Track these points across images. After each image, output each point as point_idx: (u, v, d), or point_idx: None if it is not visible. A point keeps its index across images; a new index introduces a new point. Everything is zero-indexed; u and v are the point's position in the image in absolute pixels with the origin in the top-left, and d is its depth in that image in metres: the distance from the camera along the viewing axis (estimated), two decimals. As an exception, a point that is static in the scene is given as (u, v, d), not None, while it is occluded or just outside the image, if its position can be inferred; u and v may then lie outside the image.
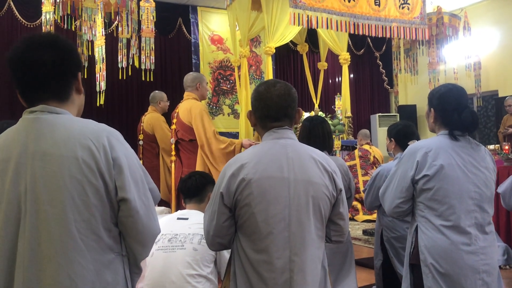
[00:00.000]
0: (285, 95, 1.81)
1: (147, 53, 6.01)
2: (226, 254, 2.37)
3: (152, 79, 6.12)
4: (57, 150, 1.32)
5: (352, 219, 6.79)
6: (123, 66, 5.84)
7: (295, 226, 1.66)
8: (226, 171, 1.73)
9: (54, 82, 1.41)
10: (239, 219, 1.69)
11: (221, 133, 8.97)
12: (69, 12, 5.51)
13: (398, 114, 10.39)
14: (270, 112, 1.80)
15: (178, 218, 2.55)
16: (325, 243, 1.82)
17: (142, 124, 5.35)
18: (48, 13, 5.43)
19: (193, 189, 2.65)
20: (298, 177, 1.69)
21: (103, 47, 5.78)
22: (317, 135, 2.96)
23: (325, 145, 2.97)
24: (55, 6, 5.48)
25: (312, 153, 1.78)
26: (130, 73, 5.89)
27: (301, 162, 1.72)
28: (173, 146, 4.20)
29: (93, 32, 5.20)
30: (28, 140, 1.34)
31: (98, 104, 5.65)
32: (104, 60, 5.81)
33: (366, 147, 7.17)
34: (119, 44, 5.94)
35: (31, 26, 7.65)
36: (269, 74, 7.27)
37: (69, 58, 1.44)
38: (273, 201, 1.66)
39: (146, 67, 5.96)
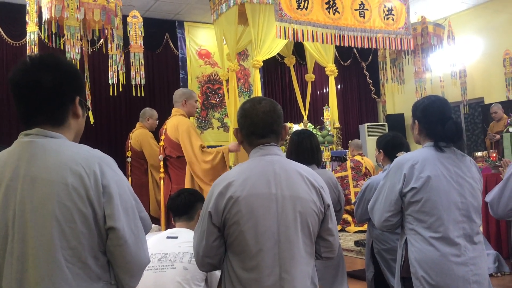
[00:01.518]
0: (270, 111, 1.81)
1: (137, 69, 6.01)
2: (217, 272, 2.35)
3: (143, 95, 6.11)
4: (47, 175, 1.30)
5: (343, 230, 6.79)
6: (114, 82, 5.82)
7: (284, 242, 1.66)
8: (214, 189, 1.72)
9: (50, 106, 1.39)
10: (228, 238, 1.68)
11: (211, 147, 8.95)
12: (54, 31, 5.49)
13: (386, 123, 10.47)
14: (256, 129, 1.80)
15: (168, 237, 2.52)
16: (315, 259, 1.81)
17: (130, 141, 5.33)
18: (33, 33, 5.41)
19: (182, 207, 2.64)
20: (286, 193, 1.69)
21: (87, 67, 5.79)
22: (305, 149, 2.97)
23: (313, 158, 2.97)
24: (39, 26, 5.47)
25: (299, 169, 1.78)
26: (121, 89, 5.88)
27: (288, 178, 1.72)
28: (161, 163, 4.17)
29: (77, 50, 5.18)
30: (19, 164, 1.32)
31: (91, 122, 5.64)
32: (88, 79, 5.81)
33: (358, 158, 7.19)
34: (109, 60, 5.93)
35: (17, 45, 7.63)
36: (257, 87, 7.29)
37: (68, 82, 1.42)
38: (261, 218, 1.65)
39: (137, 83, 5.95)
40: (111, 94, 5.92)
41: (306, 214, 1.70)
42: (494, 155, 5.00)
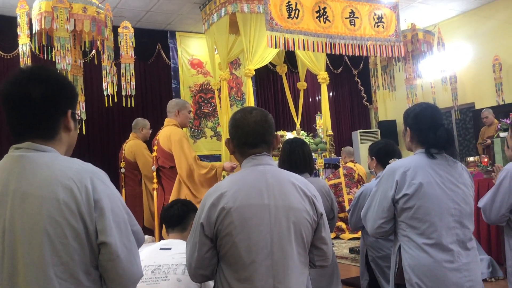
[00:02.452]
0: (261, 121, 1.81)
1: (128, 79, 6.01)
2: (210, 283, 2.33)
3: (133, 105, 6.10)
4: (37, 190, 1.29)
5: (338, 237, 6.78)
6: (108, 93, 5.81)
7: (277, 253, 1.65)
8: (206, 200, 1.71)
9: (41, 119, 1.38)
10: (221, 249, 1.68)
11: (204, 156, 9.03)
12: (44, 43, 5.48)
13: (378, 130, 10.51)
14: (247, 139, 1.80)
15: (161, 248, 2.50)
16: (309, 268, 1.81)
17: (123, 151, 5.31)
18: (25, 45, 5.40)
19: (175, 218, 2.62)
20: (279, 203, 1.69)
21: (81, 77, 5.78)
22: (297, 157, 2.98)
23: (306, 167, 2.98)
24: (31, 38, 5.46)
25: (292, 178, 1.78)
26: (116, 100, 5.87)
27: (281, 188, 1.72)
28: (154, 173, 4.15)
29: (67, 61, 5.18)
30: (10, 178, 1.31)
31: (84, 133, 5.62)
32: (83, 90, 5.80)
33: (350, 164, 7.20)
34: (102, 71, 5.93)
35: (9, 57, 7.60)
36: (249, 96, 7.32)
37: (59, 94, 1.40)
38: (254, 229, 1.65)
39: (127, 93, 5.95)
40: (106, 105, 5.91)
41: (300, 224, 1.70)
42: (486, 160, 5.03)
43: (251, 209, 1.66)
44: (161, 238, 3.92)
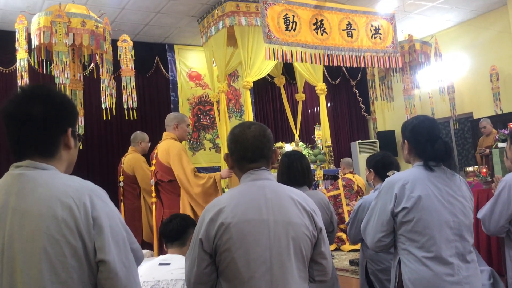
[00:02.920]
0: (260, 136, 1.82)
1: (129, 92, 6.02)
2: (210, 298, 2.32)
3: (135, 118, 6.12)
4: (37, 208, 1.29)
5: (338, 249, 6.76)
6: (107, 106, 5.82)
7: (277, 268, 1.65)
8: (204, 216, 1.71)
9: (41, 138, 1.39)
10: (220, 265, 1.67)
11: (203, 168, 9.02)
12: (43, 58, 5.50)
13: (377, 140, 10.52)
14: (246, 153, 1.80)
15: (160, 264, 2.49)
16: (309, 283, 1.80)
17: (122, 165, 5.30)
18: (23, 59, 5.42)
19: (174, 232, 2.61)
20: (278, 219, 1.69)
21: (81, 91, 5.79)
22: (296, 170, 2.97)
23: (305, 180, 2.98)
24: (29, 52, 5.48)
25: (291, 193, 1.78)
26: (114, 113, 5.88)
27: (280, 203, 1.72)
28: (153, 187, 4.14)
29: (66, 75, 5.19)
30: (9, 197, 1.31)
31: (81, 147, 5.61)
32: (82, 105, 5.82)
33: (349, 176, 7.20)
34: (101, 85, 5.94)
35: (7, 71, 7.62)
36: (248, 108, 7.34)
37: (60, 113, 1.41)
38: (253, 244, 1.64)
39: (129, 106, 5.95)
40: (104, 118, 5.91)
41: (299, 239, 1.70)
42: (485, 170, 5.03)
43: (250, 224, 1.65)
44: (160, 252, 3.91)
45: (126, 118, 5.86)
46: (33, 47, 5.42)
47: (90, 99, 7.58)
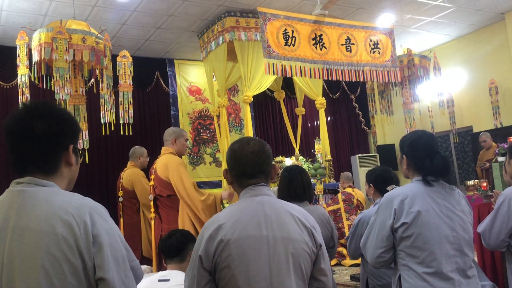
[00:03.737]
0: (259, 152, 1.82)
1: (126, 107, 6.04)
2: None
3: (131, 133, 6.13)
4: (37, 225, 1.29)
5: (339, 264, 6.71)
6: (106, 121, 5.84)
7: (276, 285, 1.63)
8: (204, 233, 1.70)
9: (43, 155, 1.39)
10: (220, 282, 1.66)
11: (204, 183, 9.01)
12: (44, 73, 5.53)
13: (377, 154, 10.52)
14: (245, 169, 1.80)
15: (159, 280, 2.48)
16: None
17: (121, 180, 5.30)
18: (24, 75, 5.45)
19: (173, 248, 2.61)
20: (277, 235, 1.68)
21: (84, 106, 5.82)
22: (297, 185, 2.98)
23: (305, 195, 2.98)
24: (30, 68, 5.51)
25: (290, 209, 1.77)
26: (113, 128, 5.90)
27: (279, 219, 1.71)
28: (152, 202, 4.12)
29: (66, 91, 5.21)
30: (10, 213, 1.31)
31: (87, 161, 5.64)
32: (86, 119, 5.84)
33: (349, 190, 7.18)
34: (100, 100, 5.96)
35: (8, 86, 7.65)
36: (248, 122, 7.35)
37: (62, 130, 1.42)
38: (252, 261, 1.63)
39: (125, 121, 5.97)
40: (103, 133, 5.92)
41: (299, 256, 1.69)
42: (485, 184, 5.02)
43: (249, 241, 1.65)
44: (159, 268, 3.88)
45: (122, 133, 5.88)
46: (33, 62, 5.45)
47: (91, 114, 7.59)
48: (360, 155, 10.51)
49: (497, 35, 8.95)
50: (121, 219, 5.17)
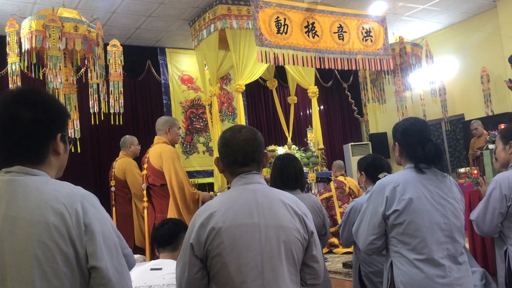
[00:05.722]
0: (251, 140, 1.81)
1: (116, 97, 6.01)
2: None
3: (121, 123, 6.09)
4: (28, 214, 1.27)
5: (331, 252, 6.76)
6: (95, 111, 5.81)
7: (268, 273, 1.64)
8: (195, 221, 1.70)
9: (29, 144, 1.36)
10: (211, 270, 1.66)
11: (197, 172, 9.01)
12: (34, 62, 5.47)
13: (370, 143, 10.56)
14: (237, 157, 1.79)
15: (152, 269, 2.48)
16: (300, 286, 1.79)
17: (113, 170, 5.27)
18: (14, 64, 5.38)
19: (166, 237, 2.60)
20: (269, 223, 1.68)
21: (75, 95, 5.77)
22: (289, 174, 2.97)
23: (297, 183, 2.98)
24: (20, 56, 5.45)
25: (282, 197, 1.77)
26: (102, 118, 5.87)
27: (271, 207, 1.71)
28: (144, 192, 4.12)
29: (60, 80, 5.16)
30: (0, 203, 1.30)
31: (79, 151, 5.60)
32: (77, 108, 5.79)
33: (341, 178, 7.21)
34: (89, 89, 5.92)
35: (-3, 76, 7.56)
36: (240, 111, 7.33)
37: (49, 118, 1.39)
38: (244, 249, 1.63)
39: (116, 111, 5.94)
40: (92, 123, 5.89)
41: (290, 243, 1.69)
42: (476, 171, 5.05)
43: (241, 229, 1.65)
44: (152, 257, 3.88)
45: (112, 123, 5.85)
46: (23, 50, 5.39)
47: (82, 103, 7.54)
48: (352, 143, 10.54)
49: (488, 23, 8.96)
50: (114, 208, 5.16)
